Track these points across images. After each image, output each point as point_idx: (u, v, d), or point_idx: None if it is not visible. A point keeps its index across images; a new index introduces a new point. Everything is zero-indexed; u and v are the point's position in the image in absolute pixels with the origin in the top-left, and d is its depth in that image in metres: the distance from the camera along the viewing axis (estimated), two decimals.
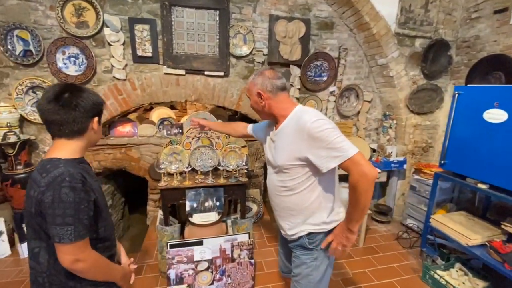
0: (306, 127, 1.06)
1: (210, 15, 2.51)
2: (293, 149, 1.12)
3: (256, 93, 1.19)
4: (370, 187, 1.02)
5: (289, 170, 1.16)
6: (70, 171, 0.84)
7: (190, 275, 1.91)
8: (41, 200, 0.82)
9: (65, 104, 0.87)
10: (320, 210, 1.20)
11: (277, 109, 1.19)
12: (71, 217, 0.82)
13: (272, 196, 1.32)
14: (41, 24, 2.31)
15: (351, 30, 2.85)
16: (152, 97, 2.65)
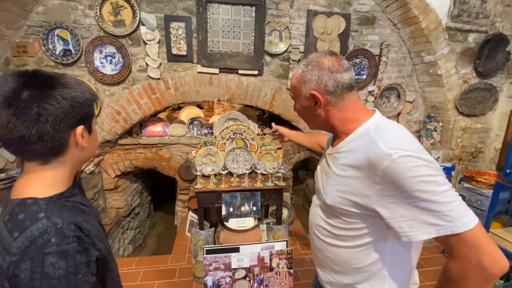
0: (382, 165, 0.66)
1: (246, 11, 2.41)
2: (354, 191, 0.73)
3: (307, 95, 0.79)
4: (486, 285, 0.62)
5: (341, 216, 0.79)
6: (57, 225, 0.56)
7: (227, 283, 1.83)
8: (13, 276, 0.53)
9: (20, 112, 0.55)
10: (379, 279, 0.80)
11: (340, 121, 0.80)
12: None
13: (312, 235, 0.95)
14: (80, 23, 2.32)
15: (395, 25, 2.65)
16: (185, 97, 2.60)
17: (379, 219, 0.72)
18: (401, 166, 0.63)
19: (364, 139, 0.74)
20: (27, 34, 2.31)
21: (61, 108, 0.58)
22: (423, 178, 0.63)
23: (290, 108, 2.73)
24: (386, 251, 0.77)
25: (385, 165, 0.65)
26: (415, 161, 0.64)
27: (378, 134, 0.71)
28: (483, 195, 2.40)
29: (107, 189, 2.88)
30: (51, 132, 0.58)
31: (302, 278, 2.16)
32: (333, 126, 0.82)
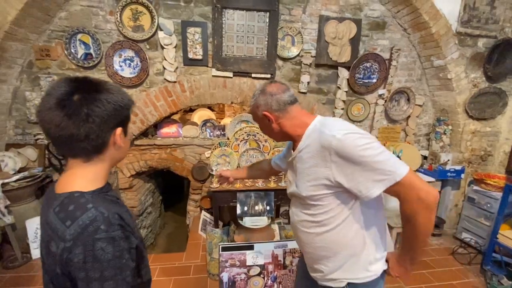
0: (333, 144, 0.82)
1: (260, 17, 2.49)
2: (319, 175, 0.88)
3: (261, 117, 0.98)
4: (431, 214, 0.79)
5: (318, 201, 0.92)
6: (104, 214, 0.62)
7: (243, 280, 1.89)
8: (68, 260, 0.59)
9: (72, 113, 0.61)
10: (366, 249, 0.95)
11: (291, 128, 0.97)
12: (111, 280, 0.60)
13: (299, 234, 1.04)
14: (101, 28, 2.42)
15: (405, 30, 2.70)
16: (200, 99, 2.68)
17: (344, 193, 0.88)
18: (345, 141, 0.81)
19: (314, 134, 0.91)
20: (50, 38, 2.41)
21: (106, 111, 0.65)
22: (363, 147, 0.80)
23: None
24: (360, 219, 0.92)
25: (334, 144, 0.82)
26: (353, 136, 0.82)
27: (323, 126, 0.90)
28: (493, 198, 2.43)
29: (122, 188, 2.97)
30: (96, 132, 0.64)
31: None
32: (288, 134, 0.99)
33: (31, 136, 2.59)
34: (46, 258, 0.63)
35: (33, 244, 2.35)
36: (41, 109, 0.61)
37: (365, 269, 0.95)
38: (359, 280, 0.95)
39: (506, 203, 2.09)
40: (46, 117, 0.60)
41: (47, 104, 0.60)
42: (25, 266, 2.25)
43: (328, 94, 2.84)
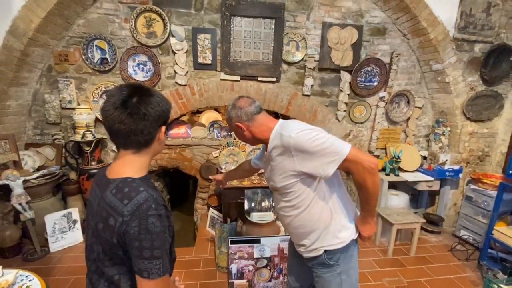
0: (291, 143, 1.02)
1: (266, 23, 2.63)
2: (286, 168, 1.08)
3: (235, 127, 1.17)
4: (375, 177, 1.01)
5: (289, 189, 1.12)
6: (153, 196, 0.75)
7: (250, 271, 2.01)
8: (125, 232, 0.72)
9: (133, 111, 0.74)
10: (333, 219, 1.14)
11: (260, 133, 1.15)
12: (158, 249, 0.73)
13: (282, 219, 1.26)
14: (116, 34, 2.56)
15: (405, 35, 2.82)
16: (209, 102, 2.82)
17: (308, 178, 1.08)
18: (299, 138, 1.01)
19: (276, 137, 1.10)
20: (69, 44, 2.57)
21: (157, 112, 0.78)
22: (313, 139, 1.00)
23: (305, 112, 2.92)
24: (324, 196, 1.12)
25: (292, 142, 1.02)
26: (304, 132, 1.02)
27: (282, 129, 1.09)
28: (490, 196, 2.53)
29: None
30: (149, 128, 0.78)
31: None
32: (259, 138, 1.17)
33: (49, 136, 2.74)
34: (103, 231, 0.76)
35: (51, 238, 2.48)
36: (107, 108, 0.75)
37: (335, 237, 1.14)
38: (332, 247, 1.14)
39: (500, 200, 2.19)
40: (111, 114, 0.74)
41: (112, 104, 0.74)
42: (44, 259, 2.38)
43: (331, 97, 2.97)
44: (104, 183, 0.81)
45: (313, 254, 1.18)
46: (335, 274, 1.17)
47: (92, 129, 2.58)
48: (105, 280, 0.81)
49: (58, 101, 2.65)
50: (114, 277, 0.80)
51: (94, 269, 0.84)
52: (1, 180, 2.19)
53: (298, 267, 1.38)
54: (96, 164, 2.61)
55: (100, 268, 0.81)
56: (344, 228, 1.16)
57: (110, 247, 0.76)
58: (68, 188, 2.71)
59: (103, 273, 0.81)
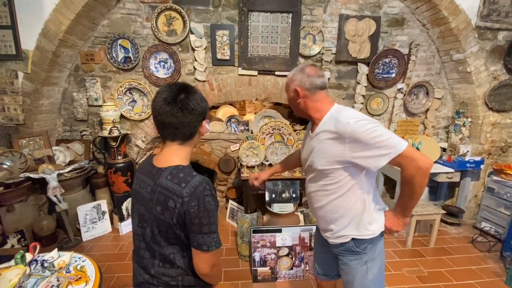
0: (347, 130, 1.01)
1: (283, 18, 2.65)
2: (334, 153, 1.07)
3: (293, 90, 1.14)
4: (426, 179, 1.01)
5: (331, 174, 1.11)
6: (205, 179, 0.84)
7: (273, 259, 2.09)
8: (186, 211, 0.80)
9: (183, 106, 0.82)
10: (365, 211, 1.15)
11: (313, 110, 1.13)
12: (214, 224, 0.84)
13: (313, 202, 1.26)
14: (138, 33, 2.66)
15: (424, 25, 2.78)
16: (227, 97, 2.89)
17: (352, 167, 1.07)
18: (357, 127, 0.99)
19: (330, 120, 1.08)
20: (94, 44, 2.69)
21: (201, 107, 0.87)
22: (370, 130, 0.99)
23: None
24: (361, 188, 1.12)
25: (348, 130, 1.01)
26: (363, 122, 1.00)
27: (339, 114, 1.07)
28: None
29: None
30: (194, 122, 0.86)
31: None
32: (308, 114, 1.16)
33: (78, 133, 2.89)
34: (162, 214, 0.83)
35: (83, 228, 2.65)
36: (158, 104, 0.83)
37: (365, 228, 1.15)
38: (361, 237, 1.15)
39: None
40: (164, 109, 0.82)
41: (163, 99, 0.83)
42: (78, 247, 2.55)
43: (348, 89, 2.97)
44: (154, 172, 0.89)
45: (339, 241, 1.20)
46: (361, 262, 1.17)
47: (118, 125, 2.70)
48: (160, 260, 0.89)
49: (85, 99, 2.79)
50: (170, 256, 0.88)
51: (143, 253, 0.92)
52: (38, 174, 2.35)
53: (324, 254, 1.41)
54: (122, 158, 2.75)
55: (154, 249, 0.89)
56: (375, 221, 1.16)
57: (168, 228, 0.84)
58: (97, 182, 2.86)
59: (156, 254, 0.89)
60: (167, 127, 0.84)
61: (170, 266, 0.88)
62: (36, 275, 1.05)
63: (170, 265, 0.88)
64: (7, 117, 2.44)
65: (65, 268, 1.15)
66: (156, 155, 0.94)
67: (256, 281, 2.10)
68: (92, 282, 1.08)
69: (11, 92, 2.41)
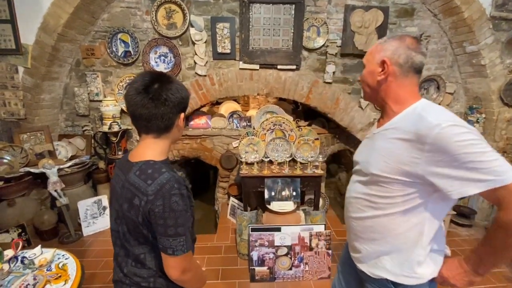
0: (433, 133, 0.74)
1: (286, 9, 2.56)
2: (401, 160, 0.81)
3: (379, 61, 0.87)
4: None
5: (384, 184, 0.86)
6: (175, 176, 0.78)
7: (271, 259, 2.03)
8: (150, 210, 0.75)
9: (154, 97, 0.77)
10: (419, 246, 0.86)
11: (393, 97, 0.88)
12: (182, 226, 0.77)
13: (350, 210, 1.01)
14: (138, 27, 2.62)
15: (435, 15, 2.63)
16: (228, 92, 2.82)
17: (421, 185, 0.80)
18: (449, 133, 0.72)
19: (411, 117, 0.83)
20: (95, 39, 2.66)
21: (177, 98, 0.80)
22: (469, 142, 0.71)
23: (326, 100, 2.84)
24: (421, 216, 0.85)
25: (435, 133, 0.73)
26: (461, 129, 0.73)
27: (426, 111, 0.81)
28: None
29: None
30: (169, 114, 0.80)
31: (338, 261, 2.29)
32: (384, 100, 0.90)
33: (79, 128, 2.89)
34: (128, 211, 0.79)
35: (84, 223, 2.65)
36: (130, 94, 0.78)
37: (412, 269, 0.87)
38: (402, 281, 0.87)
39: None
40: (134, 99, 0.77)
41: (135, 89, 0.77)
42: (78, 242, 2.56)
43: (354, 84, 2.85)
44: (127, 166, 0.84)
45: (370, 271, 0.94)
46: None
47: (118, 120, 2.68)
48: (132, 260, 0.85)
49: (86, 94, 2.78)
50: (140, 256, 0.84)
51: (119, 251, 0.88)
52: (38, 169, 2.36)
53: (349, 277, 1.14)
54: (122, 153, 2.73)
55: (127, 248, 0.85)
56: (427, 263, 0.87)
57: (135, 227, 0.79)
58: (98, 177, 2.86)
59: (130, 253, 0.85)
60: (138, 118, 0.80)
61: (142, 267, 0.85)
62: (16, 272, 1.03)
63: (142, 265, 0.85)
64: (8, 111, 2.45)
65: (46, 266, 1.12)
66: (133, 149, 0.89)
67: (254, 281, 2.04)
68: (71, 281, 1.04)
69: (11, 87, 2.41)
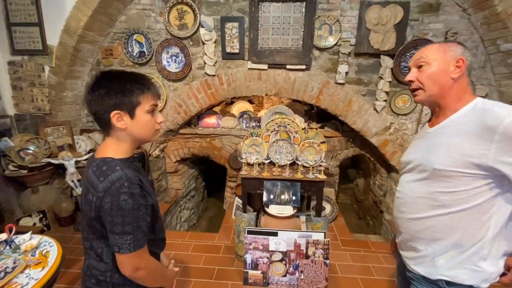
0: (502, 124, 0.76)
1: (296, 7, 2.48)
2: (466, 151, 0.82)
3: (454, 59, 0.89)
4: None
5: (449, 179, 0.85)
6: (127, 175, 0.78)
7: (265, 263, 1.98)
8: (100, 206, 0.77)
9: (95, 95, 0.80)
10: (484, 242, 0.85)
11: (455, 94, 0.90)
12: (130, 225, 0.78)
13: (406, 210, 0.99)
14: (152, 28, 2.72)
15: (465, 10, 2.36)
16: (236, 92, 2.81)
17: (491, 177, 0.81)
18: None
19: (473, 112, 0.86)
20: (113, 40, 2.82)
21: (109, 96, 0.80)
22: None
23: (338, 102, 2.70)
24: (494, 212, 0.84)
25: (506, 122, 0.76)
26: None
27: (489, 105, 0.84)
28: None
29: (169, 172, 3.32)
30: (101, 113, 0.82)
31: (339, 272, 2.17)
32: (445, 100, 0.92)
33: None
34: (84, 205, 0.83)
35: None
36: (85, 91, 0.85)
37: (473, 264, 0.87)
38: (456, 280, 0.88)
39: None
40: (85, 96, 0.87)
41: (87, 87, 0.85)
42: None
43: (369, 85, 2.68)
44: (90, 162, 0.88)
45: (424, 271, 0.95)
46: None
47: None
48: (94, 253, 0.88)
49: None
50: (98, 250, 0.87)
51: (84, 243, 0.92)
52: (58, 160, 2.56)
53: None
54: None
55: (88, 240, 0.88)
56: (491, 259, 0.87)
57: (90, 221, 0.82)
58: None
59: (91, 246, 0.88)
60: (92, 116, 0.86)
61: (100, 260, 0.87)
62: (5, 255, 1.11)
63: (100, 259, 0.87)
64: (36, 107, 2.69)
65: (31, 251, 1.21)
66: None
67: (247, 284, 2.01)
68: (48, 268, 1.11)
69: (39, 84, 2.65)
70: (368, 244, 2.56)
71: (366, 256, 2.38)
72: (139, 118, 0.84)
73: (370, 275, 2.15)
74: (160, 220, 1.00)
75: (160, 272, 0.95)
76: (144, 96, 0.84)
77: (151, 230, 0.92)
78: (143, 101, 0.84)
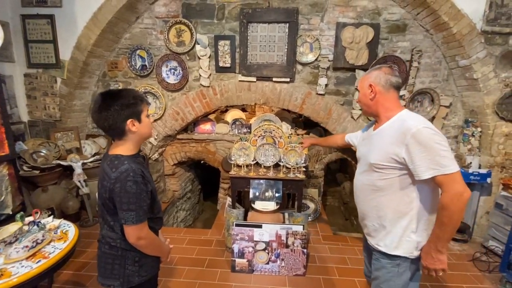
0: (411, 132, 1.06)
1: (280, 28, 2.82)
2: (390, 150, 1.13)
3: (367, 85, 1.22)
4: (464, 207, 1.03)
5: (381, 170, 1.17)
6: (133, 168, 1.03)
7: (250, 252, 2.24)
8: (112, 189, 1.03)
9: (102, 114, 1.05)
10: (412, 218, 1.16)
11: (383, 107, 1.21)
12: (133, 204, 1.03)
13: (360, 196, 1.33)
14: (153, 44, 3.05)
15: (427, 30, 2.70)
16: (228, 101, 3.12)
17: (406, 169, 1.12)
18: (423, 133, 1.06)
19: (398, 121, 1.17)
20: (118, 54, 3.14)
21: (116, 111, 1.05)
22: (435, 141, 1.05)
23: (319, 111, 3.01)
24: (414, 196, 1.15)
25: (412, 132, 1.07)
26: (431, 131, 1.07)
27: (405, 116, 1.17)
28: None
29: (166, 174, 3.60)
30: (115, 124, 1.07)
31: (318, 262, 2.42)
32: (377, 110, 1.24)
33: None
34: (100, 189, 1.10)
35: None
36: (92, 113, 1.11)
37: (407, 236, 1.16)
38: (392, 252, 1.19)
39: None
40: (93, 116, 1.10)
41: (93, 110, 1.09)
42: (95, 226, 2.98)
43: (347, 96, 3.00)
44: (105, 157, 1.16)
45: (375, 243, 1.27)
46: (393, 264, 1.20)
47: None
48: (107, 225, 1.15)
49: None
50: (111, 223, 1.14)
51: (99, 219, 1.20)
52: (66, 162, 2.84)
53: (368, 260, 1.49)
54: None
55: (103, 216, 1.16)
56: (419, 232, 1.16)
57: (104, 200, 1.10)
58: None
59: (105, 220, 1.16)
60: (102, 130, 1.11)
61: (112, 231, 1.14)
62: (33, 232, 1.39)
63: (112, 230, 1.14)
64: (48, 114, 2.99)
65: (54, 230, 1.49)
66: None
67: (234, 271, 2.26)
68: (68, 241, 1.39)
69: (51, 94, 2.95)
70: (347, 239, 2.82)
71: (344, 249, 2.64)
72: (143, 122, 1.13)
73: (345, 264, 2.40)
74: (158, 203, 1.27)
75: (158, 243, 1.22)
76: (143, 105, 1.14)
77: (151, 210, 1.18)
78: (143, 108, 1.14)
